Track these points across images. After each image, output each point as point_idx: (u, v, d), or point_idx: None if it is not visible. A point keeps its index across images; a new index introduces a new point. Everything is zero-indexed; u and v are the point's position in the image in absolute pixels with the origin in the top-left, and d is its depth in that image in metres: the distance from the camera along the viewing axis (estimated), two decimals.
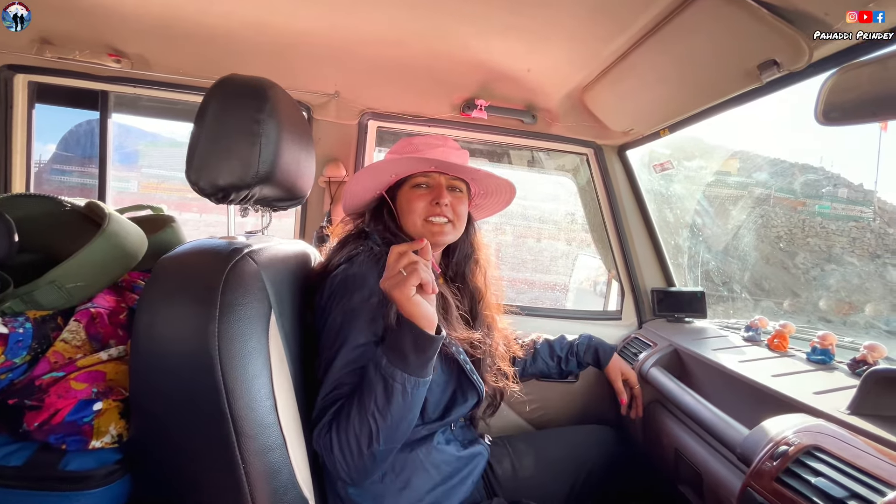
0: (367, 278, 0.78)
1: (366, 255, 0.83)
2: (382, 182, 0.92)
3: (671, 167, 1.47)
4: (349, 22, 1.08)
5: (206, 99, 0.70)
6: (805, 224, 8.78)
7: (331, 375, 0.73)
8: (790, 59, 0.79)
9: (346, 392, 0.73)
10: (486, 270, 1.03)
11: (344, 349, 0.74)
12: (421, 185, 0.90)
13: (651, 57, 1.01)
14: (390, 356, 0.68)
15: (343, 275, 0.80)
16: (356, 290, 0.77)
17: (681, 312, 1.51)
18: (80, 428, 0.60)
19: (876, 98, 0.69)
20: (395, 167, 0.89)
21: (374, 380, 0.68)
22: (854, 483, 0.60)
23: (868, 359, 0.92)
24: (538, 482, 1.03)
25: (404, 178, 0.92)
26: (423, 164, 0.88)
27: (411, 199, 0.89)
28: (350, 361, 0.74)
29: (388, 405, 0.67)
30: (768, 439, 0.74)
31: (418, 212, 0.88)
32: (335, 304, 0.77)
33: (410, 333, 0.68)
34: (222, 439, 0.56)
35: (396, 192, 0.93)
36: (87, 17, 1.16)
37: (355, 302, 0.76)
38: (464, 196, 0.94)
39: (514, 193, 1.04)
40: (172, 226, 0.94)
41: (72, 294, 0.68)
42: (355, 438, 0.68)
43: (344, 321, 0.76)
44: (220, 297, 0.58)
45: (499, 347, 1.00)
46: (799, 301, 6.79)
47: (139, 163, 6.66)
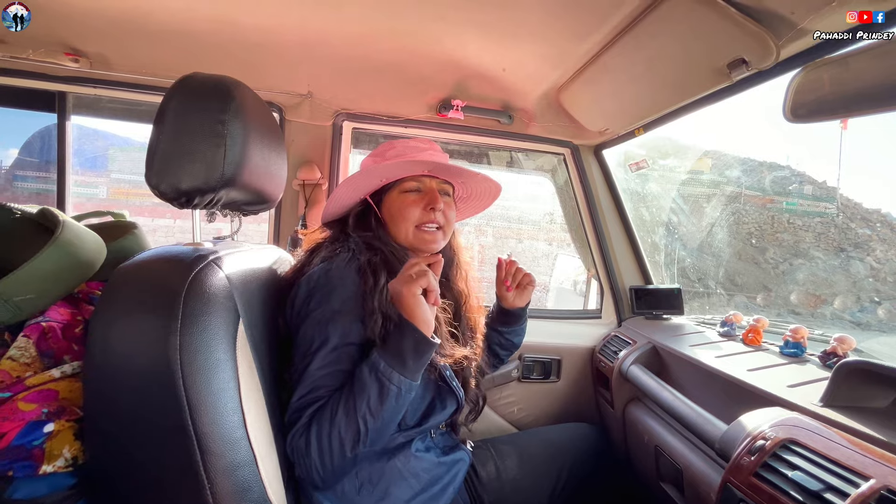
0: (347, 280, 0.76)
1: (346, 255, 0.81)
2: (370, 186, 0.89)
3: (646, 166, 1.49)
4: (319, 19, 1.05)
5: (166, 99, 0.67)
6: (774, 220, 9.11)
7: (308, 377, 0.71)
8: (758, 57, 0.80)
9: (325, 394, 0.71)
10: (467, 273, 1.02)
11: (322, 350, 0.72)
12: (412, 191, 0.88)
13: (623, 56, 1.02)
14: (388, 359, 0.69)
15: (322, 274, 0.77)
16: (336, 290, 0.75)
17: (659, 309, 1.52)
18: (29, 452, 0.55)
19: (839, 96, 0.71)
20: (391, 171, 0.86)
21: (368, 382, 0.68)
22: (829, 475, 0.61)
23: (838, 351, 0.94)
24: (522, 482, 1.02)
25: (391, 183, 0.89)
26: (418, 167, 0.86)
27: (404, 206, 0.87)
28: (329, 363, 0.72)
29: (381, 407, 0.68)
30: (745, 434, 0.75)
31: (412, 219, 0.86)
32: (313, 303, 0.75)
33: (412, 337, 0.70)
34: (186, 458, 0.53)
35: (383, 198, 0.90)
36: (41, 14, 1.09)
37: (335, 303, 0.74)
38: (451, 201, 0.93)
39: (498, 195, 1.03)
40: (134, 232, 0.89)
41: (20, 307, 0.64)
42: (338, 440, 0.67)
43: (322, 322, 0.73)
44: (182, 307, 0.55)
45: (480, 350, 0.99)
46: (770, 295, 7.03)
47: (108, 168, 6.41)
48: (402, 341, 0.70)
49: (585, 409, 1.51)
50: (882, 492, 0.54)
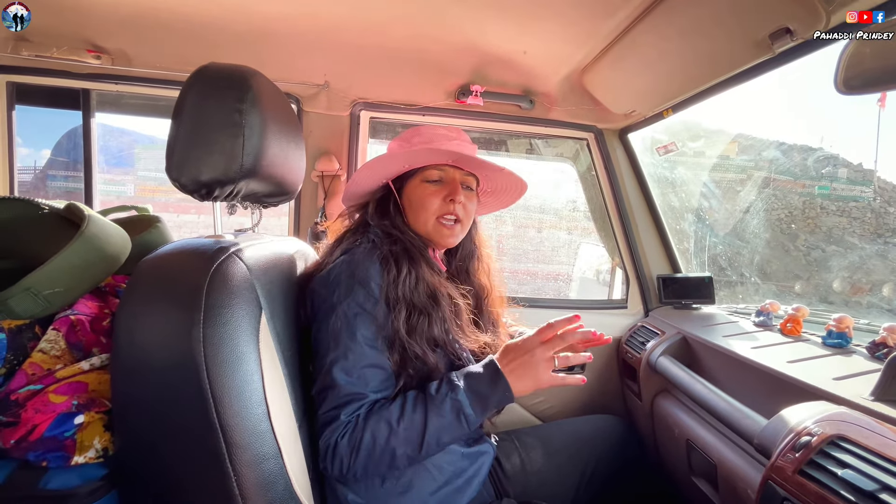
0: (370, 270, 0.75)
1: (366, 245, 0.79)
2: (391, 171, 0.87)
3: (675, 149, 1.43)
4: (334, 7, 1.03)
5: (183, 91, 0.66)
6: (805, 205, 8.73)
7: (340, 373, 0.70)
8: (805, 26, 0.74)
9: (363, 393, 0.70)
10: (489, 267, 1.01)
11: (353, 344, 0.71)
12: (434, 181, 0.86)
13: (653, 32, 0.96)
14: (472, 401, 0.70)
15: (344, 268, 0.76)
16: (359, 286, 0.74)
17: (688, 299, 1.47)
18: (61, 443, 0.56)
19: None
20: (413, 158, 0.84)
21: (447, 415, 0.69)
22: (884, 474, 0.57)
23: (888, 341, 0.88)
24: (547, 475, 1.00)
25: (414, 170, 0.87)
26: (442, 157, 0.84)
27: (424, 196, 0.85)
28: (359, 358, 0.71)
29: (450, 440, 0.71)
30: (788, 429, 0.70)
31: (432, 210, 0.85)
32: (337, 296, 0.73)
33: (503, 394, 0.70)
34: (211, 451, 0.53)
35: (404, 184, 0.88)
36: (63, 12, 1.11)
37: (360, 299, 0.73)
38: (474, 194, 0.91)
39: (524, 191, 1.00)
40: (158, 226, 0.90)
41: (49, 301, 0.65)
42: (390, 454, 0.67)
43: (350, 315, 0.72)
44: (204, 299, 0.55)
45: (504, 343, 0.97)
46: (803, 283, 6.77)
47: (136, 166, 6.59)
48: (493, 390, 0.70)
49: (611, 401, 1.47)
50: None
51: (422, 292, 0.78)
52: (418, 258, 0.81)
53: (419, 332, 0.76)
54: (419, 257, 0.81)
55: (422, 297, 0.77)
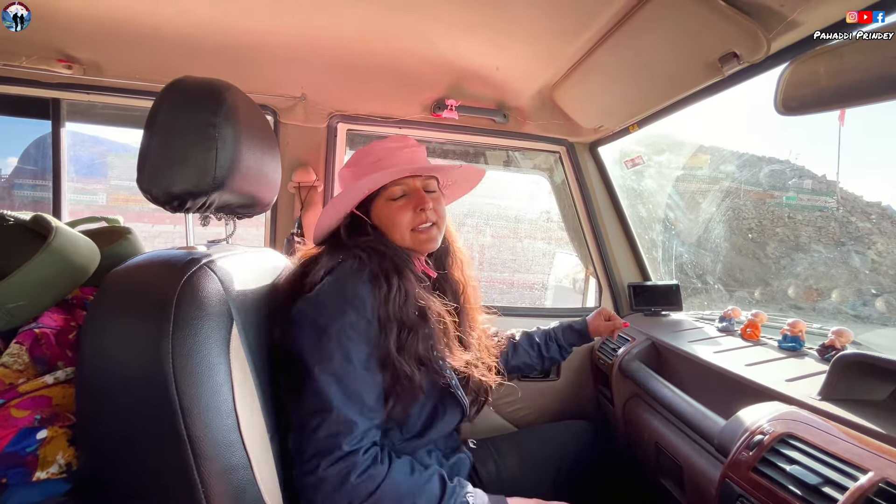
0: (359, 288, 0.74)
1: (352, 262, 0.78)
2: (355, 200, 0.87)
3: (642, 162, 1.49)
4: (311, 21, 1.05)
5: (156, 103, 0.66)
6: (774, 215, 9.10)
7: (328, 401, 0.69)
8: (749, 51, 0.80)
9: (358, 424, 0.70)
10: (462, 262, 1.01)
11: (349, 370, 0.70)
12: (397, 197, 0.86)
13: (614, 53, 1.02)
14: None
15: (333, 288, 0.75)
16: (350, 307, 0.72)
17: (657, 306, 1.52)
18: (22, 459, 0.55)
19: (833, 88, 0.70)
20: (372, 183, 0.84)
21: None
22: (827, 469, 0.61)
23: (836, 344, 0.94)
24: (522, 481, 1.02)
25: (375, 191, 0.87)
26: (400, 174, 0.84)
27: (393, 214, 0.85)
28: (351, 383, 0.70)
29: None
30: (744, 429, 0.74)
31: (404, 224, 0.85)
32: (325, 319, 0.72)
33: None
34: (179, 463, 0.52)
35: (370, 207, 0.88)
36: (34, 21, 1.09)
37: (352, 319, 0.72)
38: (439, 194, 0.91)
39: (482, 176, 1.01)
40: (128, 237, 0.89)
41: (13, 315, 0.63)
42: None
43: (341, 339, 0.71)
44: (173, 311, 0.55)
45: (482, 340, 0.99)
46: (770, 290, 7.02)
47: (109, 175, 6.41)
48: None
49: (585, 407, 1.50)
50: (880, 484, 0.54)
51: (411, 308, 0.77)
52: (406, 272, 0.80)
53: (408, 350, 0.75)
54: (407, 271, 0.80)
55: (411, 313, 0.77)
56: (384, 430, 0.81)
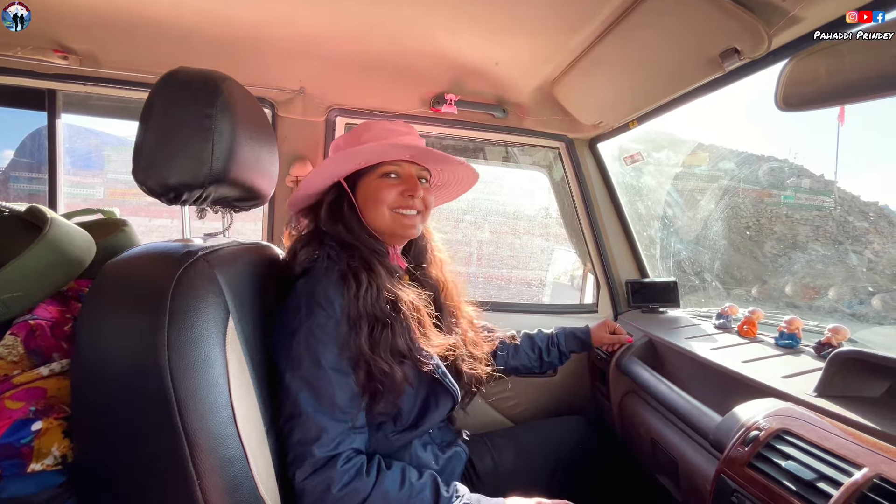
0: (329, 290, 0.74)
1: (322, 263, 0.78)
2: (345, 170, 0.85)
3: (641, 159, 1.49)
4: (310, 14, 1.04)
5: (152, 94, 0.66)
6: (772, 213, 9.12)
7: (303, 405, 0.69)
8: (750, 46, 0.80)
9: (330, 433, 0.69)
10: (441, 260, 1.00)
11: (319, 374, 0.70)
12: (390, 175, 0.85)
13: (615, 48, 1.01)
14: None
15: (304, 289, 0.75)
16: (318, 307, 0.73)
17: (655, 303, 1.52)
18: (17, 450, 0.55)
19: (832, 85, 0.70)
20: (370, 154, 0.82)
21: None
22: (822, 464, 0.61)
23: (832, 341, 0.94)
24: (519, 475, 1.02)
25: (367, 168, 0.85)
26: (402, 152, 0.83)
27: (380, 188, 0.83)
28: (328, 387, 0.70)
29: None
30: (739, 425, 0.75)
31: (388, 201, 0.83)
32: (296, 322, 0.73)
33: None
34: (175, 455, 0.52)
35: (357, 182, 0.86)
36: (30, 11, 1.08)
37: (321, 321, 0.72)
38: (430, 187, 0.91)
39: (475, 182, 1.01)
40: (124, 230, 0.88)
41: (7, 305, 0.63)
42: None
43: (310, 342, 0.71)
44: (169, 303, 0.55)
45: (467, 334, 0.98)
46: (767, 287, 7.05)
47: (105, 168, 6.37)
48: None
49: (582, 403, 1.51)
50: (874, 480, 0.54)
51: (382, 303, 0.77)
52: (376, 266, 0.79)
53: (383, 346, 0.75)
54: (377, 265, 0.80)
55: (382, 308, 0.76)
56: (378, 424, 0.81)
